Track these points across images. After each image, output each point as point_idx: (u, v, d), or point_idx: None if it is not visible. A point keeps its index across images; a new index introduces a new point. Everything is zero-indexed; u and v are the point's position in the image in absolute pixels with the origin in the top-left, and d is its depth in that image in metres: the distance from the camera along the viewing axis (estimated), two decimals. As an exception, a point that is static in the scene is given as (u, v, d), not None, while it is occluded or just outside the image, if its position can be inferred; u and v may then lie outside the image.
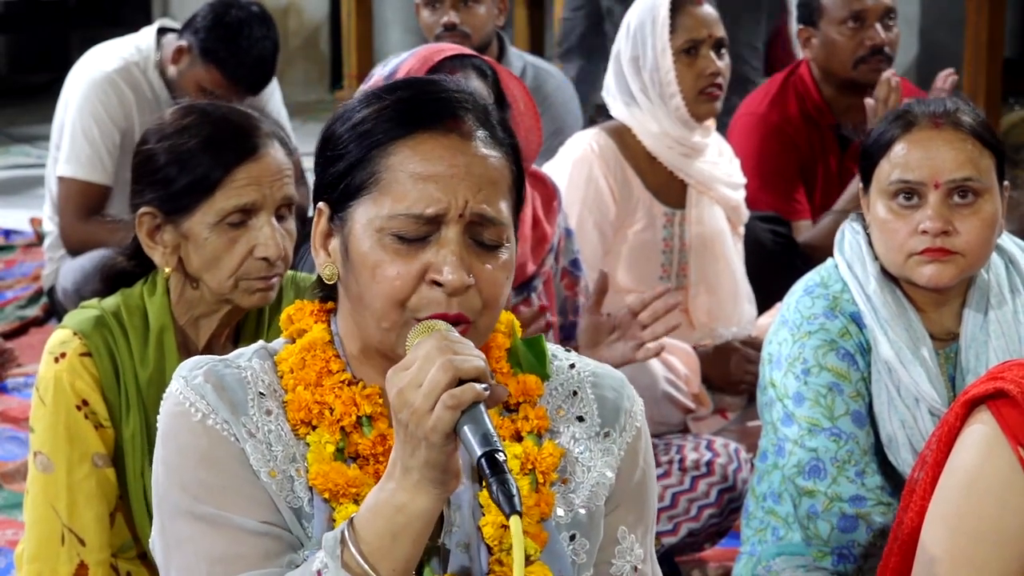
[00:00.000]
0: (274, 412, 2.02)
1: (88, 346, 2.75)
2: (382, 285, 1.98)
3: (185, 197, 2.74)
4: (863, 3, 4.97)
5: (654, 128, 4.26)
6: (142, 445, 2.78)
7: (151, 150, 2.78)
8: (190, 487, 1.98)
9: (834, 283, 3.09)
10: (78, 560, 2.74)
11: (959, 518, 2.27)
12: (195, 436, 1.99)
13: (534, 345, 2.12)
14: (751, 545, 3.25)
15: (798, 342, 3.06)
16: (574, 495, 2.08)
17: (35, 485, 2.77)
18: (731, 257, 4.41)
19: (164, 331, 2.78)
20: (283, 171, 2.77)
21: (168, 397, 2.03)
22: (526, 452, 2.05)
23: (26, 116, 9.52)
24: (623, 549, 2.12)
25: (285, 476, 1.99)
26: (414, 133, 1.99)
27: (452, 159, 1.98)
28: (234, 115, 2.81)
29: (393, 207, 1.97)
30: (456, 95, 2.03)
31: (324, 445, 2.00)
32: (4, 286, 6.38)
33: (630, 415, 2.14)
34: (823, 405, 3.02)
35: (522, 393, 2.09)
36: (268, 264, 2.75)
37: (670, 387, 4.12)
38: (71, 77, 5.46)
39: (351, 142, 2.02)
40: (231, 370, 2.03)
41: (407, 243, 1.97)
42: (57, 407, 2.75)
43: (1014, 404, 2.26)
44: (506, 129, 2.06)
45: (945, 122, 2.99)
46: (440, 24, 5.31)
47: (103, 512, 2.77)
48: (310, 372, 2.04)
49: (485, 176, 1.99)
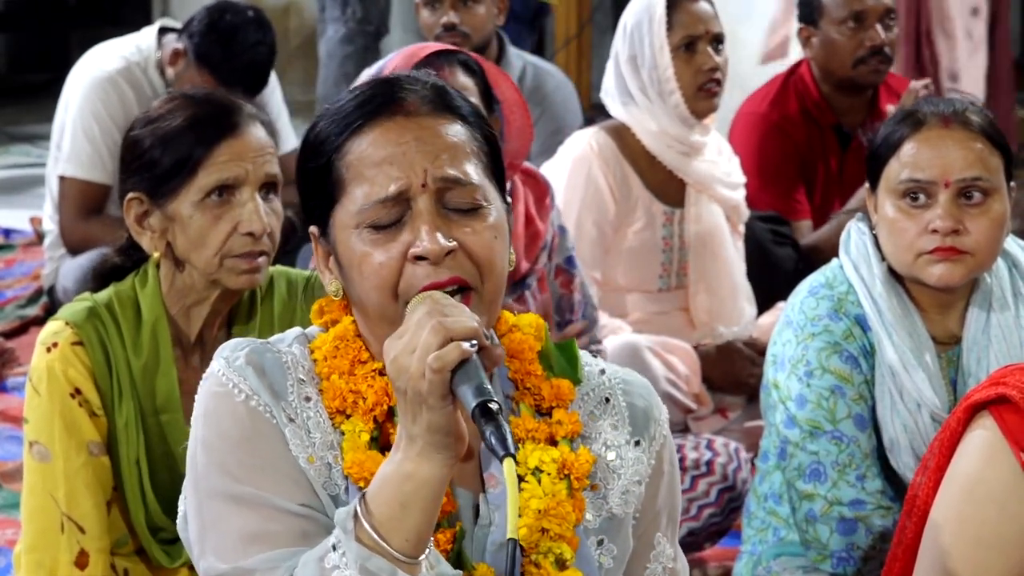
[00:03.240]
0: (313, 399, 2.02)
1: (80, 335, 2.76)
2: (370, 278, 1.98)
3: (170, 179, 2.76)
4: (863, 3, 4.96)
5: (653, 127, 4.26)
6: (136, 434, 2.79)
7: (137, 135, 2.81)
8: (231, 468, 1.98)
9: (839, 284, 3.08)
10: (78, 548, 2.75)
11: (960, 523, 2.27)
12: (237, 417, 1.99)
13: (566, 349, 2.12)
14: (752, 545, 3.25)
15: (802, 343, 3.05)
16: (603, 500, 2.09)
17: (32, 475, 2.78)
18: (731, 256, 4.41)
19: (158, 321, 2.80)
20: (264, 148, 2.79)
21: (209, 377, 2.03)
22: (562, 456, 2.05)
23: (26, 115, 9.51)
24: (657, 553, 2.14)
25: (323, 463, 1.99)
26: (361, 128, 2.01)
27: (400, 137, 1.99)
28: (215, 96, 2.84)
29: (360, 201, 1.98)
30: (399, 82, 2.05)
31: (359, 434, 2.00)
32: (4, 285, 6.38)
33: (658, 423, 2.14)
34: (825, 408, 3.02)
35: (555, 397, 2.08)
36: (253, 239, 2.76)
37: (670, 387, 4.12)
38: (72, 77, 5.46)
39: (314, 154, 2.04)
40: (272, 354, 2.03)
41: (383, 230, 1.98)
42: (52, 396, 2.75)
43: (1016, 409, 2.26)
44: (464, 100, 2.06)
45: (955, 121, 2.99)
46: (440, 24, 5.31)
47: (101, 500, 2.78)
48: (343, 360, 2.04)
49: (440, 142, 2.00)
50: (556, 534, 2.01)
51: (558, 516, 2.01)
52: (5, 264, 6.72)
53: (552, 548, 2.01)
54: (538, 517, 2.01)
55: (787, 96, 5.09)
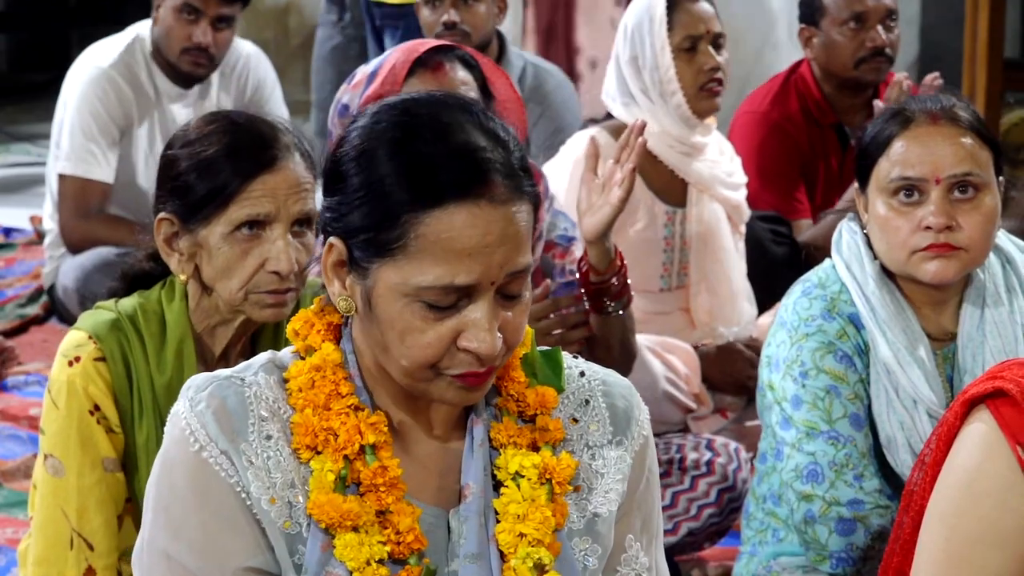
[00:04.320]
0: (274, 436, 2.00)
1: (103, 350, 2.73)
2: (413, 350, 1.95)
3: (202, 207, 2.71)
4: (864, 4, 4.97)
5: (654, 127, 4.26)
6: (156, 450, 2.76)
7: (174, 155, 2.76)
8: (173, 519, 1.99)
9: (832, 284, 3.08)
10: (86, 565, 2.73)
11: (957, 518, 2.26)
12: (188, 468, 1.99)
13: (551, 357, 2.11)
14: (751, 546, 3.25)
15: (796, 344, 3.05)
16: (586, 501, 2.08)
17: (45, 488, 2.76)
18: (732, 256, 4.41)
19: (184, 339, 2.76)
20: (301, 184, 2.73)
21: (173, 416, 2.02)
22: (544, 462, 2.04)
23: (26, 114, 9.51)
24: (629, 557, 2.12)
25: (284, 502, 1.99)
26: (442, 203, 1.90)
27: (486, 229, 1.91)
28: (256, 124, 2.77)
29: (423, 278, 1.91)
30: (482, 151, 1.93)
31: (326, 473, 1.98)
32: (4, 284, 6.38)
33: (639, 423, 2.14)
34: (821, 408, 3.01)
35: (540, 405, 2.08)
36: (279, 278, 2.72)
37: (670, 386, 4.12)
38: (70, 75, 5.47)
39: (369, 196, 1.94)
40: (236, 389, 2.01)
41: (438, 310, 1.93)
42: (70, 411, 2.73)
43: (1013, 404, 2.26)
44: (522, 157, 1.99)
45: (943, 118, 2.99)
46: (440, 23, 5.31)
47: (112, 517, 2.76)
48: (319, 394, 2.01)
49: (517, 236, 1.93)
50: (535, 539, 2.00)
51: (536, 521, 2.01)
52: (5, 263, 6.72)
53: (531, 553, 2.00)
54: (516, 522, 2.01)
55: (788, 95, 5.10)
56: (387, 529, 1.99)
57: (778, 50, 7.11)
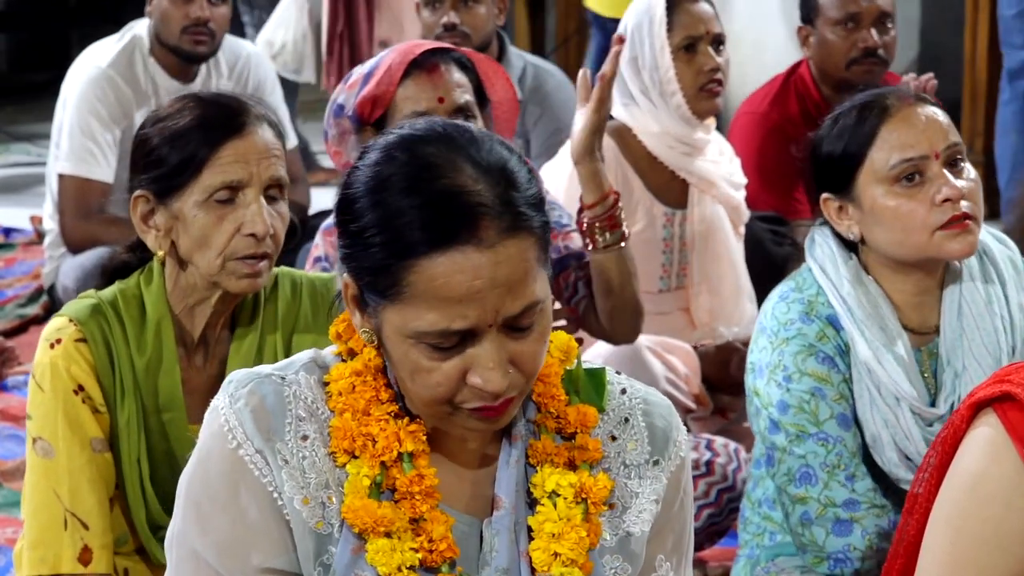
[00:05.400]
0: (310, 437, 2.01)
1: (83, 332, 2.77)
2: (424, 389, 1.95)
3: (175, 177, 2.76)
4: (858, 5, 4.97)
5: (654, 128, 4.26)
6: (137, 432, 2.79)
7: (146, 134, 2.82)
8: (204, 525, 2.01)
9: (808, 287, 3.07)
10: (82, 544, 2.75)
11: (963, 521, 2.26)
12: (224, 463, 2.00)
13: (595, 376, 2.11)
14: (749, 548, 3.25)
15: (777, 349, 3.04)
16: (620, 520, 2.08)
17: (35, 472, 2.78)
18: (732, 256, 4.41)
19: (162, 320, 2.80)
20: (270, 150, 2.78)
21: (212, 410, 2.03)
22: (581, 482, 2.04)
23: (27, 114, 9.51)
24: None
25: (317, 502, 2.00)
26: (429, 253, 1.88)
27: (474, 274, 1.88)
28: (224, 98, 2.84)
29: (419, 323, 1.91)
30: (468, 194, 1.89)
31: (362, 478, 1.99)
32: (4, 284, 6.38)
33: (676, 444, 2.13)
34: (807, 411, 3.01)
35: (580, 424, 2.07)
36: (256, 240, 2.76)
37: (670, 387, 4.12)
38: (69, 75, 5.48)
39: (360, 245, 1.94)
40: (275, 386, 2.02)
41: (442, 350, 1.93)
42: (55, 392, 2.76)
43: (1020, 407, 2.25)
44: (529, 188, 1.95)
45: (914, 98, 3.02)
46: (440, 24, 5.30)
47: (104, 497, 2.78)
48: (360, 399, 2.01)
49: (512, 276, 1.90)
50: (568, 559, 2.01)
51: (572, 541, 2.01)
52: (5, 263, 6.73)
53: (564, 573, 2.01)
54: (551, 540, 2.01)
55: (787, 96, 5.10)
56: (420, 536, 1.99)
57: (778, 50, 7.11)
